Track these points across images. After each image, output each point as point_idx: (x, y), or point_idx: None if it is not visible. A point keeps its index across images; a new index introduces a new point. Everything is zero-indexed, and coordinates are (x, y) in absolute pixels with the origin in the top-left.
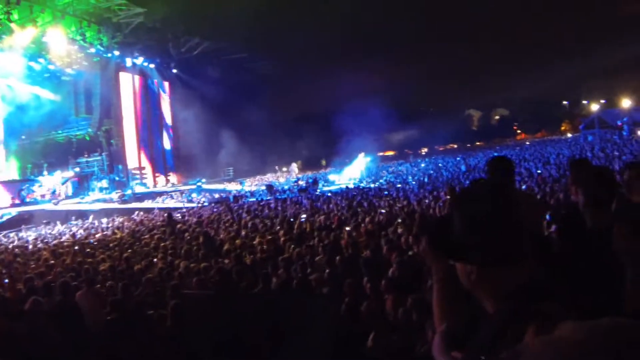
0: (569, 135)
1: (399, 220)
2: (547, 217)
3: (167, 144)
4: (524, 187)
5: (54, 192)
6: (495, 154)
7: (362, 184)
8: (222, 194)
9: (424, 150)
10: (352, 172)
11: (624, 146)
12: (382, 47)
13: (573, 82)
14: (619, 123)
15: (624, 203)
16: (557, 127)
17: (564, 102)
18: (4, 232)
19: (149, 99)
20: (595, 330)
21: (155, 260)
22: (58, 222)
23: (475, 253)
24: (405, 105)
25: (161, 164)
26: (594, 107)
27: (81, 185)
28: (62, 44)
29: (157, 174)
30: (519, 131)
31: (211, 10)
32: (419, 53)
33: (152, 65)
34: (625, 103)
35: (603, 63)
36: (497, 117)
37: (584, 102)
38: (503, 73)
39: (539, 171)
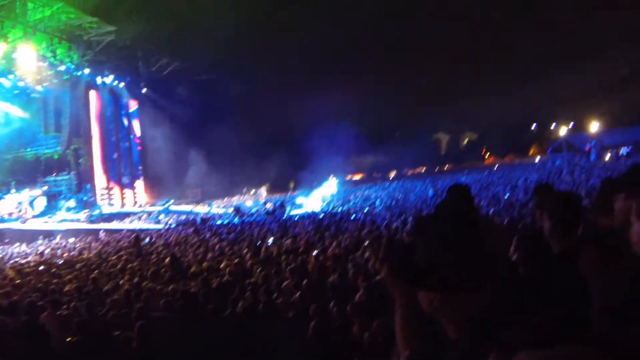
0: (538, 158)
1: (366, 245)
2: (515, 240)
3: (136, 164)
4: (491, 211)
5: (20, 211)
6: (463, 177)
7: (330, 208)
8: (190, 216)
9: (393, 174)
10: (321, 195)
11: (592, 170)
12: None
13: (542, 105)
14: (587, 147)
15: (591, 227)
16: (525, 151)
17: (533, 126)
18: None
19: (118, 117)
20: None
21: (121, 281)
22: (24, 242)
23: (437, 280)
24: (374, 129)
25: (129, 184)
26: (563, 130)
27: (49, 204)
28: (32, 60)
29: (125, 194)
30: (487, 155)
31: (181, 30)
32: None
33: (122, 84)
34: (594, 127)
35: (571, 87)
36: (465, 141)
37: (553, 125)
38: (472, 97)
39: (507, 195)
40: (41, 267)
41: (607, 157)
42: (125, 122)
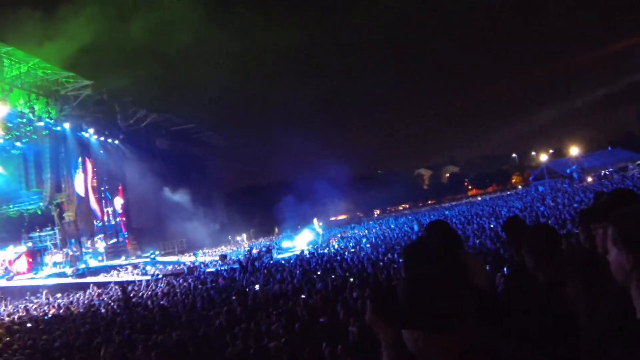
0: (520, 187)
1: (354, 284)
2: (505, 270)
3: (119, 217)
4: (477, 242)
5: (6, 268)
6: (447, 212)
7: (316, 250)
8: (176, 266)
9: (377, 212)
10: (305, 239)
11: (575, 194)
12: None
13: (520, 135)
14: (569, 172)
15: (574, 253)
16: (507, 181)
17: (513, 155)
18: None
19: (99, 171)
20: None
21: (113, 335)
22: (11, 299)
23: (421, 319)
24: (355, 169)
25: (114, 237)
26: (543, 157)
27: (35, 260)
28: (10, 117)
29: (110, 248)
30: (470, 187)
31: (158, 83)
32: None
33: (101, 138)
34: (574, 151)
35: (549, 115)
36: (447, 175)
37: (533, 153)
38: (451, 131)
39: (491, 225)
40: (29, 324)
41: (589, 179)
42: (106, 175)
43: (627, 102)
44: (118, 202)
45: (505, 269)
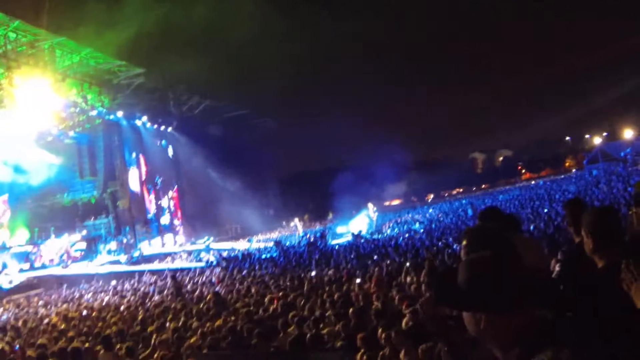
0: (574, 171)
1: (409, 269)
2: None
3: (173, 204)
4: (532, 226)
5: (62, 256)
6: (500, 196)
7: (369, 235)
8: (230, 252)
9: (430, 197)
10: (359, 224)
11: (629, 177)
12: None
13: (574, 117)
14: (623, 155)
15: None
16: (561, 164)
17: (567, 138)
18: (14, 296)
19: (153, 159)
20: None
21: (167, 322)
22: (67, 287)
23: (483, 300)
24: (409, 154)
25: (169, 223)
26: (597, 140)
27: (89, 248)
28: (64, 106)
29: (165, 234)
30: (523, 171)
31: (210, 69)
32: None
33: (155, 125)
34: (628, 134)
35: (603, 96)
36: (500, 159)
37: (587, 136)
38: (504, 114)
39: (545, 210)
40: (85, 312)
41: None
42: (160, 163)
43: None
44: (172, 189)
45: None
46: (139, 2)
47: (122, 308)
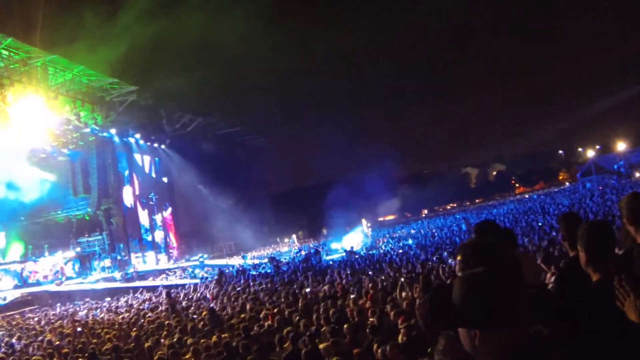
0: (567, 184)
1: (403, 285)
2: (555, 269)
3: (167, 221)
4: (526, 240)
5: (56, 273)
6: (495, 210)
7: (364, 251)
8: (225, 269)
9: (424, 212)
10: (353, 240)
11: (623, 190)
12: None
13: (567, 131)
14: (616, 167)
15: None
16: (554, 178)
17: (560, 152)
18: (8, 313)
19: (146, 176)
20: None
21: (161, 338)
22: (61, 304)
23: (478, 317)
24: (402, 170)
25: (163, 240)
26: (590, 153)
27: (83, 265)
28: (57, 124)
29: (159, 251)
30: (517, 185)
31: (202, 87)
32: (413, 116)
33: (147, 143)
34: (621, 147)
35: (595, 110)
36: (494, 173)
37: (580, 149)
38: (497, 129)
39: (539, 223)
40: (79, 328)
41: (637, 174)
42: (153, 180)
43: None
44: (166, 206)
45: (555, 266)
46: (131, 21)
47: (116, 325)
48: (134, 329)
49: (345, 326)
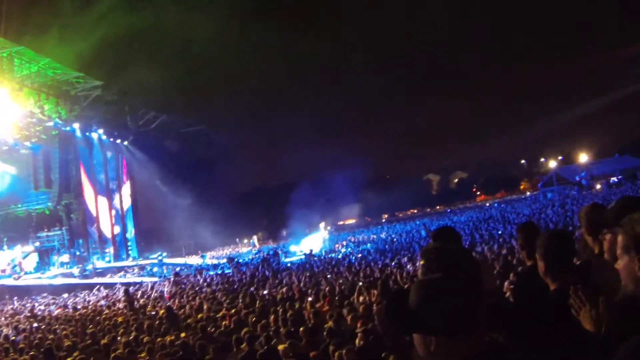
0: (528, 193)
1: (361, 289)
2: (513, 277)
3: (127, 218)
4: (485, 247)
5: (14, 267)
6: (455, 217)
7: (323, 254)
8: (183, 268)
9: (385, 217)
10: (312, 243)
11: (584, 201)
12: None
13: (530, 141)
14: (577, 178)
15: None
16: (516, 187)
17: (522, 161)
18: None
19: (107, 172)
20: None
21: (118, 336)
22: (18, 299)
23: (434, 323)
24: (364, 174)
25: (122, 238)
26: (552, 164)
27: (42, 260)
28: (20, 116)
29: (118, 248)
30: (478, 193)
31: (167, 84)
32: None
33: (110, 139)
34: (583, 158)
35: (558, 121)
36: (455, 181)
37: (542, 160)
38: (460, 136)
39: (499, 232)
40: (35, 324)
41: (598, 186)
42: (115, 176)
43: (635, 108)
44: (126, 203)
45: (513, 274)
46: (100, 14)
47: (73, 321)
48: (91, 325)
49: (301, 329)
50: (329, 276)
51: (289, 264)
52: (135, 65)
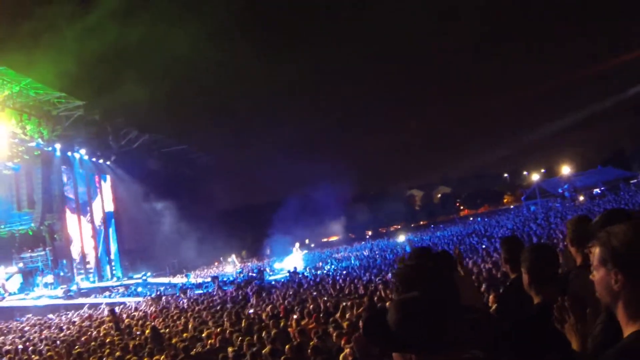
0: (512, 207)
1: (346, 306)
2: (495, 291)
3: (110, 238)
4: (469, 262)
5: None
6: (439, 232)
7: (308, 271)
8: (168, 287)
9: (369, 233)
10: (294, 261)
11: (567, 214)
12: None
13: (512, 154)
14: (560, 191)
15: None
16: (499, 200)
17: (505, 175)
18: None
19: (91, 192)
20: None
21: (104, 357)
22: (1, 320)
23: (412, 341)
24: (347, 190)
25: (105, 258)
26: (535, 177)
27: (26, 280)
28: (2, 137)
29: (101, 268)
30: (461, 207)
31: (149, 104)
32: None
33: (93, 159)
34: (565, 170)
35: (540, 134)
36: (439, 196)
37: (524, 173)
38: (442, 152)
39: (483, 246)
40: (20, 345)
41: (581, 198)
42: (98, 196)
43: (617, 119)
44: (109, 223)
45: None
46: (81, 34)
47: (58, 342)
48: (77, 346)
49: (287, 347)
50: (314, 293)
51: (273, 282)
52: (118, 85)
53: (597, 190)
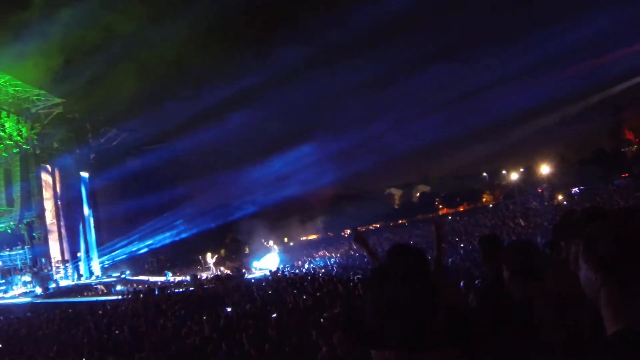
0: (491, 206)
1: (325, 304)
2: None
3: (89, 236)
4: (449, 260)
5: None
6: (419, 231)
7: (286, 269)
8: (146, 286)
9: (347, 232)
10: (270, 261)
11: (546, 212)
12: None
13: (491, 153)
14: (539, 190)
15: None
16: (478, 199)
17: (484, 174)
18: None
19: (70, 190)
20: None
21: (83, 356)
22: None
23: (390, 339)
24: (326, 189)
25: (85, 256)
26: (514, 176)
27: (4, 279)
28: None
29: (81, 267)
30: (440, 206)
31: (128, 102)
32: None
33: (72, 157)
34: (544, 169)
35: (519, 133)
36: (418, 194)
37: (503, 172)
38: (421, 151)
39: (462, 245)
40: (0, 345)
41: (560, 197)
42: (77, 194)
43: (597, 119)
44: (88, 221)
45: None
46: (60, 31)
47: (39, 340)
48: (55, 344)
49: (266, 345)
50: (295, 292)
51: (252, 281)
52: (97, 83)
53: (575, 189)
